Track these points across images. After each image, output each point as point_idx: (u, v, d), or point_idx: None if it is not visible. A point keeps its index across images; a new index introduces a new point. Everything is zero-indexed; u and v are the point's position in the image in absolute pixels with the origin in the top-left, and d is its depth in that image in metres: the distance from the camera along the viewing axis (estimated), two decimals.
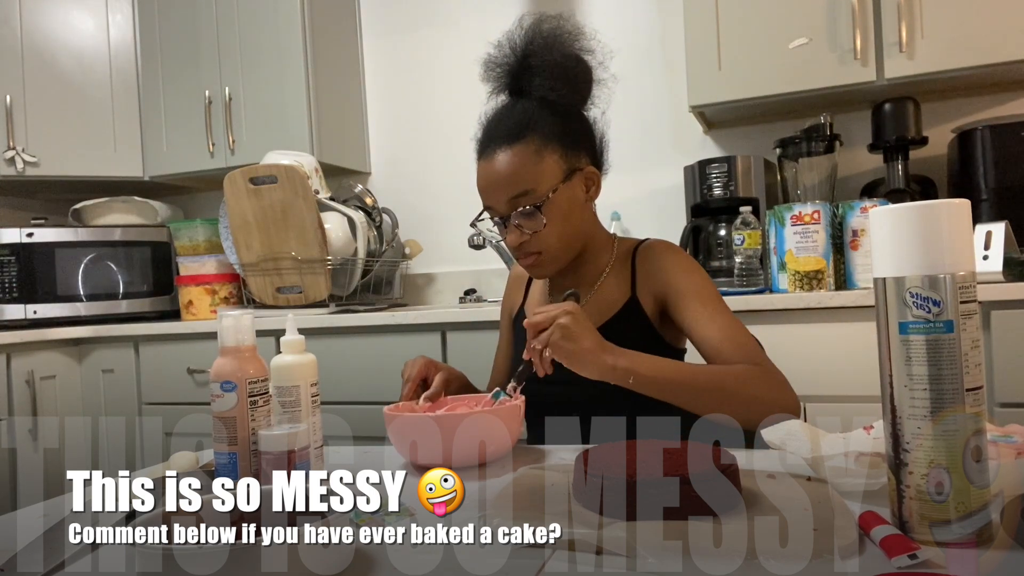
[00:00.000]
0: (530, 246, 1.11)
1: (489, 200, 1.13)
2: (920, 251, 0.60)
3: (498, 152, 1.09)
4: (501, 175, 1.09)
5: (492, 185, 1.11)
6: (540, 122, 1.10)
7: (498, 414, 0.96)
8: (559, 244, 1.12)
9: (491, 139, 1.12)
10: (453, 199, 2.69)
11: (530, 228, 1.09)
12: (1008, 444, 0.75)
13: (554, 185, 1.09)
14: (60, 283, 2.48)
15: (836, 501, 0.69)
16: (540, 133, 1.09)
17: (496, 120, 1.15)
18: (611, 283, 1.19)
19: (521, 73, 1.14)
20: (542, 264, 1.14)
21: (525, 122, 1.10)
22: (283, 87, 2.51)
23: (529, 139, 1.09)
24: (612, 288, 1.19)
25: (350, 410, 2.09)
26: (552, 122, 1.11)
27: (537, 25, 1.14)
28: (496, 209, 1.12)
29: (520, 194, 1.08)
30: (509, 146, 1.09)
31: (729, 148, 2.35)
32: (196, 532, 0.67)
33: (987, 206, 1.84)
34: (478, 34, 2.63)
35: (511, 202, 1.09)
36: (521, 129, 1.09)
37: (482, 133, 1.16)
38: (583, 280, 1.21)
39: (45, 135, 2.58)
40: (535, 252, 1.12)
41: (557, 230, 1.10)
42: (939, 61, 1.83)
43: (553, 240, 1.11)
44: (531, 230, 1.09)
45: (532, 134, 1.09)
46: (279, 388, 0.94)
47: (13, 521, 0.85)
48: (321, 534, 0.60)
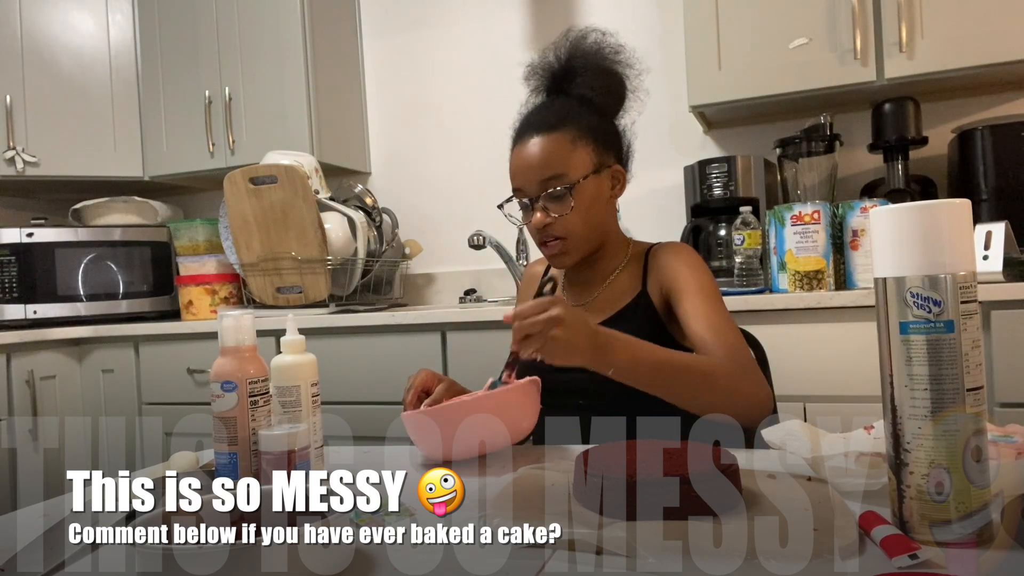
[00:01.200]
0: (555, 229, 1.15)
1: (520, 181, 1.17)
2: (920, 251, 0.60)
3: (535, 137, 1.16)
4: (536, 158, 1.15)
5: (526, 166, 1.16)
6: (578, 116, 1.17)
7: (517, 391, 0.96)
8: (583, 231, 1.16)
9: (529, 127, 1.18)
10: (453, 199, 2.70)
11: (557, 211, 1.14)
12: (1008, 444, 0.75)
13: (584, 174, 1.15)
14: (60, 283, 2.48)
15: (836, 501, 0.69)
16: (577, 125, 1.16)
17: (536, 111, 1.21)
18: (623, 278, 1.23)
19: (563, 75, 1.22)
20: (565, 251, 1.17)
21: (564, 114, 1.17)
22: (283, 87, 2.51)
23: (566, 129, 1.15)
24: (624, 283, 1.22)
25: (350, 410, 2.09)
26: (589, 118, 1.17)
27: (582, 35, 1.22)
28: (526, 190, 1.16)
29: (552, 177, 1.14)
30: (546, 133, 1.15)
31: (729, 148, 2.35)
32: (196, 532, 0.67)
33: (987, 206, 1.84)
34: (478, 34, 2.65)
35: (542, 184, 1.14)
36: (560, 119, 1.16)
37: (520, 123, 1.22)
38: (597, 277, 1.25)
39: (45, 135, 2.58)
40: (559, 237, 1.15)
41: (582, 217, 1.15)
42: (939, 61, 1.83)
43: (578, 226, 1.15)
44: (557, 213, 1.14)
45: (569, 125, 1.16)
46: (279, 388, 0.94)
47: (13, 521, 0.85)
48: (321, 534, 0.60)
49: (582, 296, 1.26)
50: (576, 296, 1.27)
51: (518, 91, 2.88)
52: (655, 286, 1.19)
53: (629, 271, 1.24)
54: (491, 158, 2.64)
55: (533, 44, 2.59)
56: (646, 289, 1.19)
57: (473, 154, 2.66)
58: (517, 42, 2.60)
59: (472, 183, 2.67)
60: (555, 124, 1.16)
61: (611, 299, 1.21)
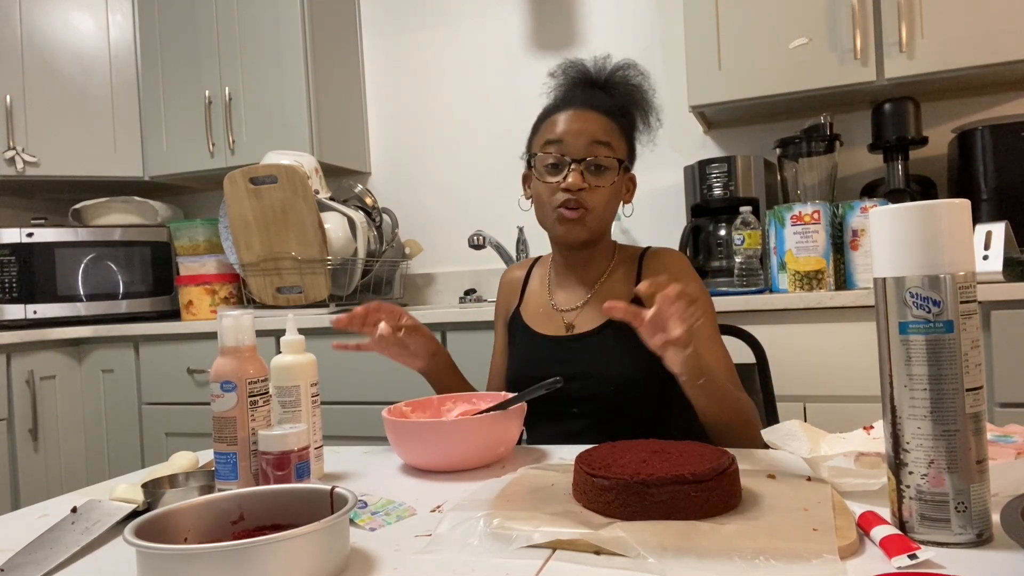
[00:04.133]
0: (586, 198, 1.16)
1: (569, 138, 1.16)
2: (920, 251, 0.60)
3: (594, 109, 1.18)
4: (593, 123, 1.17)
5: (579, 127, 1.16)
6: (621, 120, 1.22)
7: (498, 419, 0.96)
8: (603, 211, 1.18)
9: (585, 100, 1.20)
10: (453, 199, 2.70)
11: (594, 181, 1.16)
12: (1008, 444, 0.75)
13: (623, 157, 1.20)
14: (60, 283, 2.48)
15: (836, 501, 0.69)
16: (621, 124, 1.21)
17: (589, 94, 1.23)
18: (615, 282, 1.24)
19: (604, 83, 1.26)
20: (584, 221, 1.17)
21: (615, 108, 1.21)
22: (283, 87, 2.51)
23: (617, 120, 1.20)
24: (617, 286, 1.23)
25: (350, 410, 2.09)
26: (626, 126, 1.23)
27: (627, 62, 1.28)
28: (572, 148, 1.16)
29: (604, 144, 1.16)
30: (603, 113, 1.18)
31: (729, 148, 2.35)
32: (196, 532, 0.67)
33: (987, 206, 1.84)
34: (478, 34, 2.65)
35: (591, 147, 1.16)
36: (614, 110, 1.21)
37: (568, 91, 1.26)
38: (588, 278, 1.26)
39: (45, 135, 2.58)
40: (584, 207, 1.16)
41: (607, 197, 1.18)
42: (939, 61, 1.83)
43: (602, 203, 1.17)
44: (593, 183, 1.16)
45: (618, 120, 1.20)
46: (279, 388, 0.94)
47: (13, 521, 0.85)
48: (321, 534, 0.60)
49: (571, 297, 1.25)
50: (564, 297, 1.26)
51: (518, 91, 2.89)
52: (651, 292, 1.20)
53: (621, 274, 1.24)
54: (491, 158, 2.64)
55: (533, 44, 2.59)
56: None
57: (473, 154, 2.67)
58: (517, 42, 2.60)
59: (472, 183, 2.67)
60: (610, 111, 1.19)
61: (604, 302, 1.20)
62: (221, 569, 0.56)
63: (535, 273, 1.34)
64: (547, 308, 1.27)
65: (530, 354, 1.25)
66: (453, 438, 0.93)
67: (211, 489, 0.85)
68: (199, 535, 0.67)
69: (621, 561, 0.60)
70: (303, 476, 0.82)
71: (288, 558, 0.57)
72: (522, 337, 1.27)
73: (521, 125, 2.55)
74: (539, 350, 1.23)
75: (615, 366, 1.15)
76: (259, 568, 0.56)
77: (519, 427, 1.00)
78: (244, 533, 0.69)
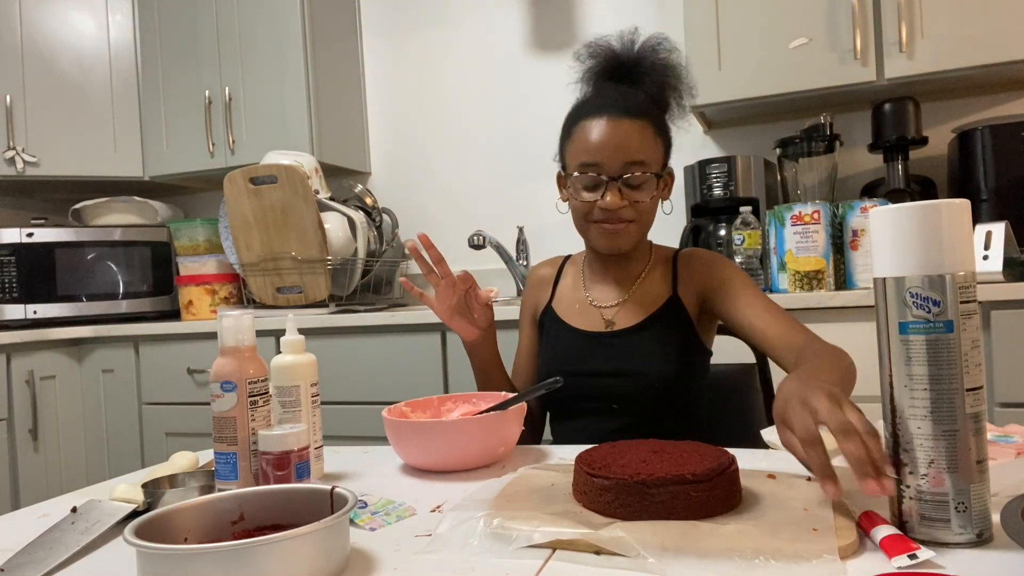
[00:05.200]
0: (626, 212, 1.14)
1: (601, 158, 1.12)
2: (920, 251, 0.60)
3: (622, 119, 1.12)
4: (623, 139, 1.12)
5: (613, 145, 1.12)
6: (655, 114, 1.17)
7: (498, 419, 0.96)
8: (647, 220, 1.18)
9: (613, 106, 1.14)
10: (453, 199, 2.70)
11: (633, 196, 1.13)
12: (1008, 444, 0.75)
13: (660, 168, 1.17)
14: (60, 283, 2.48)
15: (836, 501, 0.69)
16: (656, 122, 1.16)
17: (620, 94, 1.17)
18: (653, 281, 1.23)
19: (633, 65, 1.20)
20: (628, 233, 1.16)
21: (647, 107, 1.16)
22: (283, 87, 2.51)
23: (650, 122, 1.15)
24: (654, 286, 1.23)
25: (350, 410, 2.09)
26: (661, 120, 1.18)
27: (656, 37, 1.21)
28: (607, 168, 1.13)
29: (637, 162, 1.12)
30: (634, 118, 1.13)
31: (729, 148, 2.35)
32: (196, 532, 0.67)
33: (987, 206, 1.84)
34: (478, 34, 2.65)
35: (626, 166, 1.12)
36: (645, 110, 1.15)
37: (594, 99, 1.18)
38: (626, 277, 1.25)
39: (45, 135, 2.58)
40: (628, 220, 1.15)
41: (650, 208, 1.17)
42: (939, 61, 1.83)
43: (647, 214, 1.17)
44: (633, 199, 1.13)
45: (652, 119, 1.15)
46: (279, 388, 0.94)
47: (13, 521, 0.85)
48: (321, 534, 0.60)
49: (609, 295, 1.24)
50: (602, 294, 1.25)
51: (518, 91, 2.88)
52: (688, 291, 1.20)
53: (657, 274, 1.24)
54: (491, 158, 2.64)
55: (533, 44, 2.59)
56: (677, 293, 1.20)
57: (473, 154, 2.67)
58: (517, 42, 2.60)
59: (472, 183, 2.67)
60: (641, 112, 1.14)
61: (643, 300, 1.21)
62: (221, 569, 0.56)
63: (567, 270, 1.32)
64: (584, 304, 1.25)
65: (567, 348, 1.23)
66: (453, 438, 0.93)
67: (211, 489, 0.85)
68: (199, 535, 0.67)
69: (621, 561, 0.60)
70: (303, 476, 0.82)
71: (288, 558, 0.57)
72: (557, 332, 1.25)
73: (521, 125, 2.57)
74: (577, 345, 1.22)
75: (657, 364, 1.15)
76: (259, 568, 0.56)
77: (519, 427, 1.00)
78: (244, 533, 0.69)
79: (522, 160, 2.59)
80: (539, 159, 2.55)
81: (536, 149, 2.56)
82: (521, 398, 1.01)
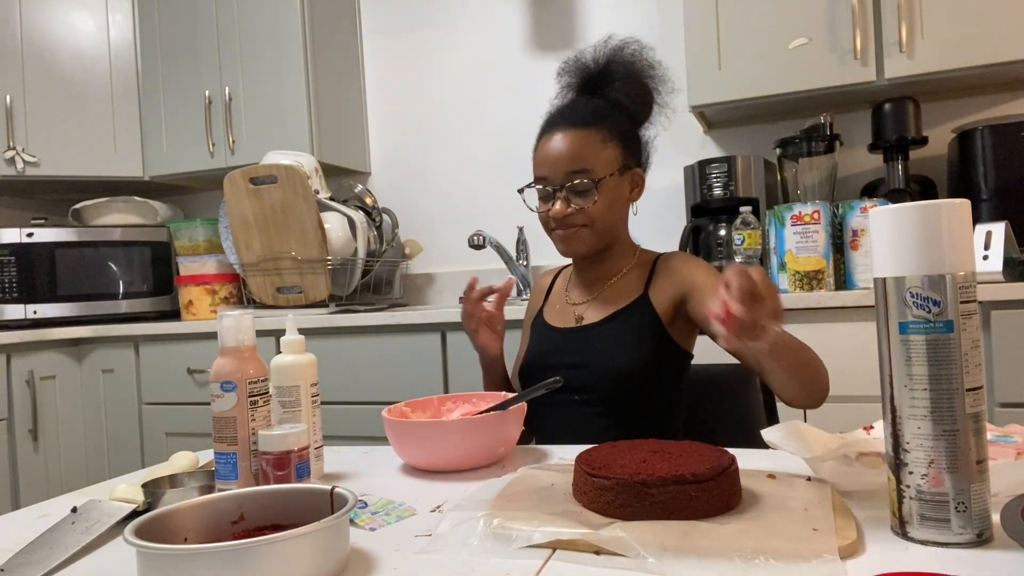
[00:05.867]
0: (575, 218, 1.19)
1: (547, 171, 1.20)
2: (920, 251, 0.60)
3: (567, 131, 1.19)
4: (565, 150, 1.18)
5: (554, 157, 1.19)
6: (611, 118, 1.22)
7: (498, 419, 0.96)
8: (600, 224, 1.20)
9: (562, 120, 1.21)
10: (453, 199, 2.70)
11: (579, 203, 1.19)
12: (1007, 444, 0.75)
13: (610, 172, 1.20)
14: (60, 283, 2.48)
15: (836, 501, 0.69)
16: (608, 126, 1.20)
17: (569, 107, 1.24)
18: (627, 281, 1.26)
19: (599, 77, 1.26)
20: (582, 237, 1.20)
21: (599, 113, 1.21)
22: (283, 87, 2.51)
23: (598, 128, 1.20)
24: (628, 284, 1.25)
25: (350, 410, 2.09)
26: (620, 121, 1.23)
27: (622, 45, 1.26)
28: (551, 179, 1.20)
29: (579, 171, 1.18)
30: (578, 129, 1.19)
31: (729, 148, 2.35)
32: (196, 532, 0.67)
33: (987, 206, 1.84)
34: (478, 34, 2.65)
35: (568, 175, 1.18)
36: (594, 118, 1.20)
37: (551, 115, 1.25)
38: (603, 276, 1.28)
39: (45, 135, 2.58)
40: (580, 224, 1.19)
41: (600, 209, 1.19)
42: (939, 61, 1.83)
43: (597, 215, 1.19)
44: (579, 205, 1.19)
45: (602, 124, 1.20)
46: (279, 388, 0.94)
47: (13, 521, 0.85)
48: (321, 534, 0.60)
49: (584, 293, 1.29)
50: (579, 293, 1.30)
51: (518, 91, 2.89)
52: (661, 290, 1.21)
53: (635, 274, 1.26)
54: (491, 158, 2.64)
55: (533, 44, 2.59)
56: (647, 293, 1.22)
57: (473, 154, 2.67)
58: (517, 42, 2.60)
59: (472, 183, 2.67)
60: (589, 121, 1.19)
61: (613, 298, 1.24)
62: (221, 569, 0.56)
63: (560, 277, 1.39)
64: (563, 304, 1.31)
65: (540, 344, 1.29)
66: (453, 438, 0.93)
67: (211, 489, 0.85)
68: (199, 535, 0.67)
69: (621, 561, 0.60)
70: (303, 476, 0.82)
71: (288, 558, 0.57)
72: (539, 331, 1.32)
73: (521, 125, 2.57)
74: (548, 340, 1.27)
75: (617, 355, 1.17)
76: (259, 568, 0.56)
77: (519, 427, 1.00)
78: (244, 533, 0.69)
79: (522, 160, 2.58)
80: None
81: None
82: (521, 398, 1.01)
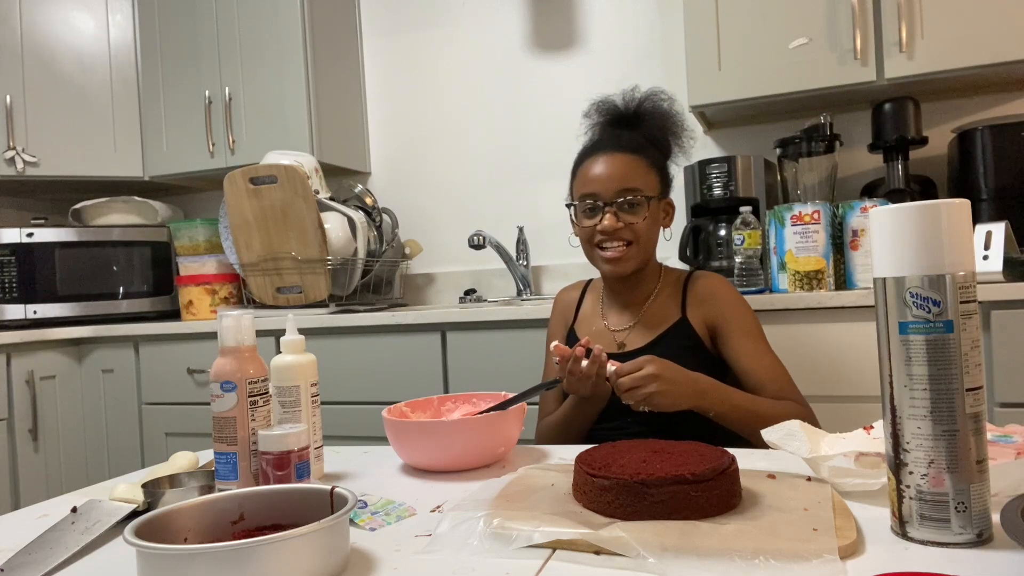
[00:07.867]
0: (624, 233, 1.28)
1: (598, 187, 1.28)
2: (920, 251, 0.60)
3: (616, 154, 1.29)
4: (617, 170, 1.28)
5: (607, 176, 1.28)
6: (650, 149, 1.33)
7: (498, 419, 0.96)
8: (645, 241, 1.30)
9: (609, 144, 1.31)
10: (453, 199, 2.70)
11: (628, 219, 1.27)
12: (1007, 444, 0.75)
13: (656, 195, 1.30)
14: (60, 283, 2.48)
15: (836, 501, 0.69)
16: (650, 155, 1.32)
17: (615, 135, 1.35)
18: (662, 303, 1.33)
19: (633, 117, 1.38)
20: (628, 256, 1.28)
21: (643, 144, 1.33)
22: (283, 87, 2.51)
23: (644, 155, 1.31)
24: (663, 307, 1.32)
25: (350, 410, 2.09)
26: (655, 154, 1.34)
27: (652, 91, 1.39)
28: (602, 195, 1.28)
29: (630, 189, 1.28)
30: (627, 153, 1.29)
31: (729, 148, 2.35)
32: (196, 532, 0.67)
33: (987, 206, 1.84)
34: (478, 34, 2.66)
35: (620, 192, 1.27)
36: (640, 147, 1.32)
37: (595, 140, 1.36)
38: (635, 299, 1.36)
39: (45, 135, 2.58)
40: (626, 241, 1.28)
41: (645, 228, 1.29)
42: (939, 61, 1.83)
43: (642, 234, 1.28)
44: (628, 221, 1.27)
45: (646, 153, 1.31)
46: (279, 388, 0.94)
47: (13, 521, 0.85)
48: (321, 534, 0.60)
49: (622, 318, 1.35)
50: (616, 317, 1.35)
51: (518, 91, 2.89)
52: (697, 315, 1.30)
53: (666, 296, 1.33)
54: (491, 158, 2.64)
55: (533, 44, 2.59)
56: (686, 316, 1.29)
57: (473, 154, 2.67)
58: (517, 43, 2.60)
59: (472, 183, 2.67)
60: (637, 149, 1.30)
61: (651, 323, 1.31)
62: (221, 569, 0.56)
63: (588, 296, 1.44)
64: (600, 328, 1.36)
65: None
66: (453, 438, 0.93)
67: (211, 489, 0.85)
68: (199, 535, 0.67)
69: (621, 561, 0.60)
70: (303, 476, 0.82)
71: (288, 558, 0.57)
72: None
73: (521, 124, 2.57)
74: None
75: None
76: (259, 568, 0.56)
77: (519, 427, 1.00)
78: (244, 533, 0.69)
79: (522, 160, 2.59)
80: (539, 159, 2.55)
81: (536, 149, 2.56)
82: (521, 398, 1.01)
